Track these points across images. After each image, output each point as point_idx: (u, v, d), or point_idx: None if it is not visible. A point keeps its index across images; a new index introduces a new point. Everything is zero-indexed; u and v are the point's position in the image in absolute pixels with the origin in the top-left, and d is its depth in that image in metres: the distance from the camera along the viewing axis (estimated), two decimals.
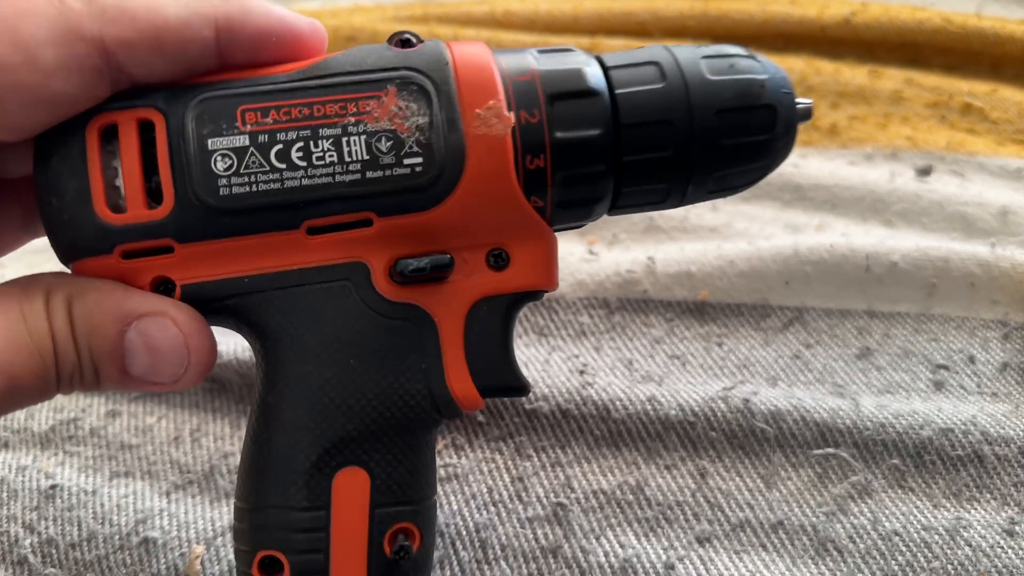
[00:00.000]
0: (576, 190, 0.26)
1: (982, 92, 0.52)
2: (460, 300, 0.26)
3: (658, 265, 0.42)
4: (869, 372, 0.38)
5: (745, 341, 0.39)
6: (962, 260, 0.40)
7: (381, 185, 0.24)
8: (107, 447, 0.38)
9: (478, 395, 0.26)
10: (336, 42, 0.61)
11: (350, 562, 0.25)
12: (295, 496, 0.25)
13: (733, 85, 0.26)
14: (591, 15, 0.60)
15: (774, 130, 0.26)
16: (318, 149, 0.24)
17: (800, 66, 0.54)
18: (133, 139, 0.24)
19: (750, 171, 0.27)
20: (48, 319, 0.24)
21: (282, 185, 0.24)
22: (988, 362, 0.38)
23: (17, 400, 0.24)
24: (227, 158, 0.24)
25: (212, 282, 0.25)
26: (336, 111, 0.24)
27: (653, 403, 0.36)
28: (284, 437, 0.25)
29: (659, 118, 0.25)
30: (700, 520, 0.33)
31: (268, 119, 0.24)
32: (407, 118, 0.24)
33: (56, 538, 0.35)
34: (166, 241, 0.24)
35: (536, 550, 0.33)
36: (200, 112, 0.24)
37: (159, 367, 0.25)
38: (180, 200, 0.24)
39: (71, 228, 0.24)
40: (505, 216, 0.25)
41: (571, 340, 0.40)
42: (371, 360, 0.25)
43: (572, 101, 0.25)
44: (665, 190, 0.27)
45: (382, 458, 0.25)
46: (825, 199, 0.46)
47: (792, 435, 0.35)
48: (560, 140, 0.25)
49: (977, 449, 0.34)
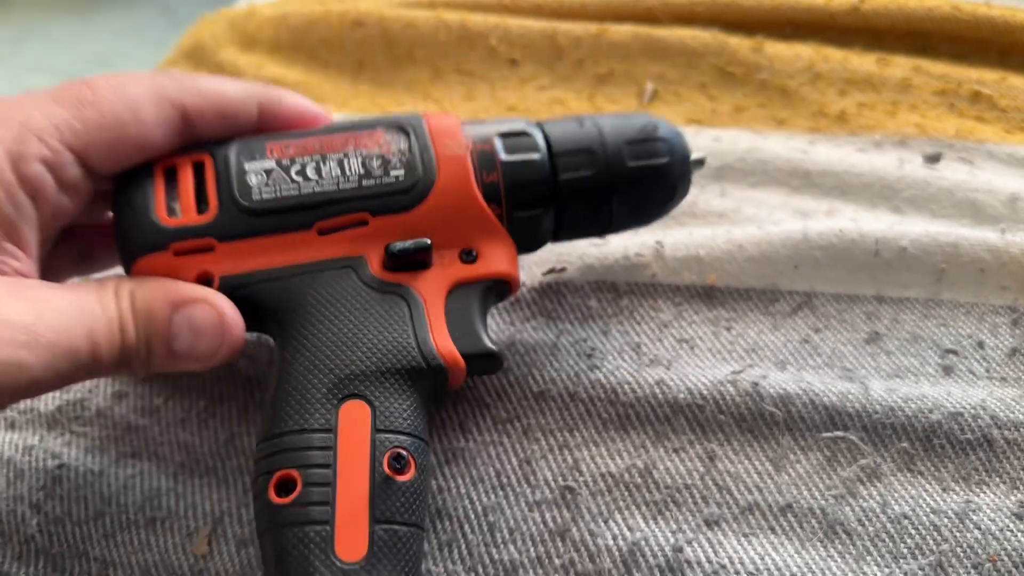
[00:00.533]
0: (524, 199, 0.35)
1: (991, 80, 0.52)
2: (440, 283, 0.33)
3: (667, 249, 0.42)
4: (878, 356, 0.37)
5: (754, 325, 0.39)
6: (971, 246, 0.40)
7: (373, 191, 0.33)
8: (114, 428, 0.38)
9: (458, 354, 0.32)
10: (343, 27, 0.61)
11: (354, 474, 0.29)
12: (308, 420, 0.30)
13: (636, 123, 0.37)
14: (599, 1, 0.60)
15: (671, 156, 0.36)
16: (326, 167, 0.33)
17: (809, 53, 0.54)
18: (189, 173, 0.33)
19: (657, 192, 0.37)
20: (117, 304, 0.30)
21: (299, 192, 0.33)
22: (997, 347, 0.37)
23: (95, 369, 0.29)
24: (259, 175, 0.33)
25: (244, 274, 0.32)
26: (339, 144, 0.34)
27: (661, 386, 0.36)
28: (299, 377, 0.31)
29: (583, 147, 0.35)
30: (709, 503, 0.33)
31: (289, 150, 0.33)
32: (392, 144, 0.34)
33: (63, 517, 0.35)
34: (209, 241, 0.32)
35: (544, 533, 0.33)
36: (239, 148, 0.33)
37: (199, 345, 0.31)
38: (222, 206, 0.32)
39: (137, 231, 0.32)
40: (471, 218, 0.34)
41: (579, 324, 0.40)
42: (369, 320, 0.32)
43: (516, 137, 0.35)
44: (595, 207, 0.36)
45: (381, 395, 0.31)
46: (834, 185, 0.46)
47: (801, 418, 0.35)
48: (508, 160, 0.34)
49: (987, 433, 0.34)
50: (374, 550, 0.28)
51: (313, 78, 0.60)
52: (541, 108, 0.54)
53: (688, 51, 0.55)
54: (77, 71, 1.82)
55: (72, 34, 1.99)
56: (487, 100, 0.56)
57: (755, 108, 0.52)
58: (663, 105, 0.53)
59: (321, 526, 0.28)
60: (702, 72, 0.55)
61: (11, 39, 1.98)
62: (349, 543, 0.28)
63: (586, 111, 0.54)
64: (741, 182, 0.47)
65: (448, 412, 0.37)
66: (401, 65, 0.59)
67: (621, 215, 0.37)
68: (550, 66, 0.57)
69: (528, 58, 0.57)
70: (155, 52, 1.83)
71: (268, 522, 0.29)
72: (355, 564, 0.28)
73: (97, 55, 1.89)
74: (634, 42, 0.56)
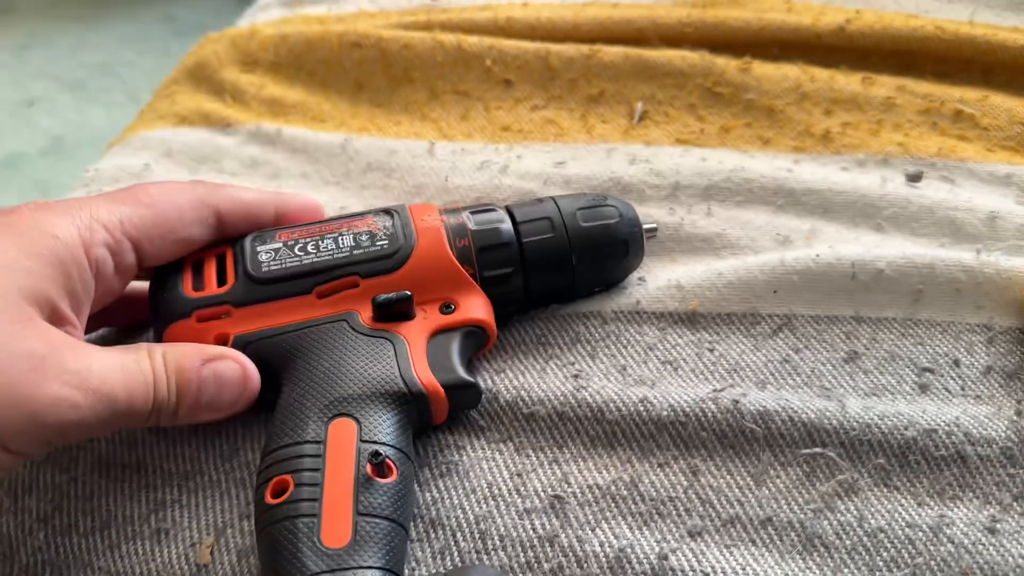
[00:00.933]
0: (492, 260, 0.40)
1: (973, 99, 0.53)
2: (422, 330, 0.38)
3: (648, 281, 0.44)
4: (856, 375, 0.39)
5: (736, 347, 0.40)
6: (947, 267, 0.41)
7: (362, 257, 0.39)
8: (120, 443, 0.39)
9: (437, 383, 0.36)
10: (342, 48, 0.62)
11: (340, 475, 0.32)
12: (301, 435, 0.34)
13: (588, 195, 0.43)
14: (591, 22, 0.61)
15: (620, 217, 0.42)
16: (323, 243, 0.39)
17: (795, 73, 0.55)
18: (213, 264, 0.40)
19: (611, 248, 0.42)
20: (151, 363, 0.34)
21: (300, 263, 0.39)
22: (972, 365, 0.39)
23: (131, 418, 0.33)
24: (268, 253, 0.39)
25: (253, 332, 0.38)
26: (335, 227, 0.40)
27: (645, 404, 0.38)
28: (295, 401, 0.35)
29: (542, 216, 0.41)
30: (692, 515, 0.34)
31: (294, 235, 0.40)
32: (378, 223, 0.40)
33: (69, 529, 0.36)
34: (226, 308, 0.38)
35: (534, 539, 0.34)
36: (254, 237, 0.40)
37: (223, 395, 0.36)
38: (237, 279, 0.39)
39: (168, 303, 0.38)
40: (447, 277, 0.39)
41: (567, 348, 0.41)
42: (358, 356, 0.37)
43: (483, 213, 0.41)
44: (558, 267, 0.41)
45: (367, 414, 0.35)
46: (817, 203, 0.47)
47: (780, 435, 0.36)
48: (476, 228, 0.40)
49: (960, 449, 0.35)
50: (357, 539, 0.31)
51: (313, 98, 0.61)
52: (534, 128, 0.56)
53: (677, 72, 0.56)
54: (81, 78, 1.83)
55: (76, 41, 2.00)
56: (482, 120, 0.57)
57: (742, 128, 0.53)
58: (652, 125, 0.55)
59: (309, 518, 0.31)
60: (690, 92, 0.56)
61: (16, 46, 1.99)
62: (334, 532, 0.31)
63: (578, 130, 0.55)
64: (727, 201, 0.48)
65: (443, 433, 0.38)
66: (399, 86, 0.60)
67: (583, 272, 0.41)
68: (543, 86, 0.58)
69: (522, 79, 0.59)
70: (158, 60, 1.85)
71: (264, 522, 0.32)
72: (339, 549, 0.31)
73: (101, 63, 1.91)
74: (625, 63, 0.57)
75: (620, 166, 0.50)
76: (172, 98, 0.64)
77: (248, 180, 0.55)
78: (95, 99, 1.78)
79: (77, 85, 1.83)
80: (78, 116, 1.73)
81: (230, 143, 0.58)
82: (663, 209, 0.48)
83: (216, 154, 0.58)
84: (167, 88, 0.66)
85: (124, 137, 0.62)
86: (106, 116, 1.71)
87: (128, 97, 1.76)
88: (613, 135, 0.54)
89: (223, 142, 0.59)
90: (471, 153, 0.54)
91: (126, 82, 1.83)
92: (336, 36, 0.63)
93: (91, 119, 1.72)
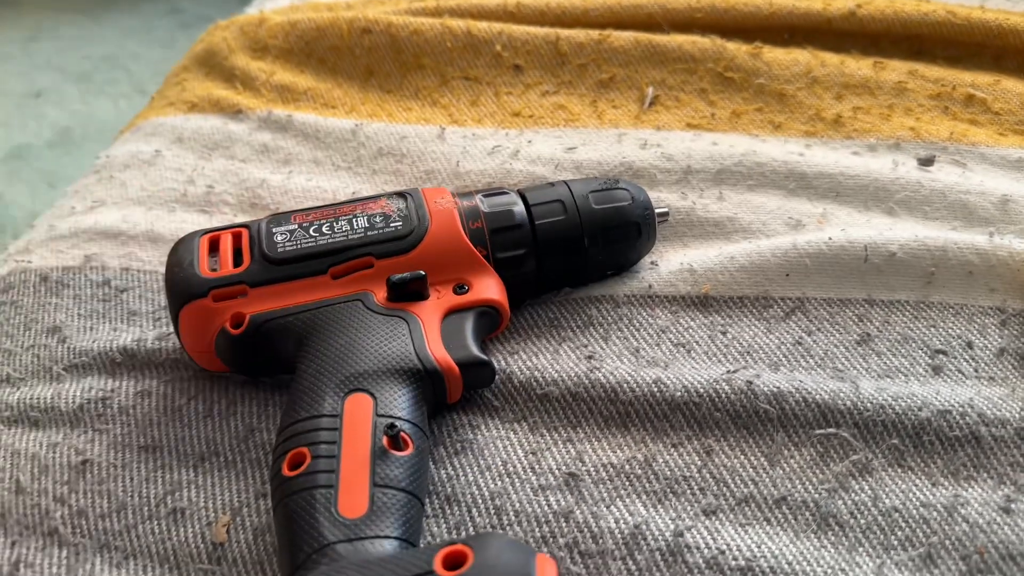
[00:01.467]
0: (505, 241, 0.41)
1: (985, 83, 0.53)
2: (436, 310, 0.38)
3: (661, 265, 0.44)
4: (869, 357, 0.39)
5: (748, 329, 0.40)
6: (960, 249, 0.41)
7: (376, 238, 0.40)
8: (136, 424, 0.40)
9: (451, 360, 0.37)
10: (352, 34, 0.62)
11: (356, 448, 0.33)
12: (318, 409, 0.34)
13: (599, 179, 0.43)
14: (601, 7, 0.61)
15: (632, 200, 0.42)
16: (338, 225, 0.40)
17: (806, 58, 0.55)
18: (229, 241, 0.40)
19: (624, 231, 0.42)
20: None
21: (315, 244, 0.40)
22: (985, 347, 0.39)
23: None
24: (284, 234, 0.40)
25: (269, 311, 0.38)
26: (349, 209, 0.41)
27: (659, 385, 0.38)
28: (312, 377, 0.36)
29: (554, 199, 0.42)
30: (706, 494, 0.35)
31: (309, 218, 0.41)
32: (392, 205, 0.41)
33: (86, 509, 0.37)
34: (242, 287, 0.39)
35: (549, 514, 0.34)
36: (269, 219, 0.41)
37: None
38: (253, 260, 0.39)
39: (184, 282, 0.39)
40: (461, 258, 0.40)
41: (579, 331, 0.41)
42: (374, 334, 0.37)
43: (496, 195, 0.42)
44: (571, 249, 0.41)
45: (383, 390, 0.35)
46: (829, 187, 0.47)
47: (794, 415, 0.36)
48: (489, 211, 0.41)
49: (974, 430, 0.35)
50: (373, 508, 0.31)
51: (323, 85, 0.61)
52: (545, 113, 0.56)
53: (688, 57, 0.56)
54: (87, 70, 1.83)
55: (82, 33, 2.00)
56: (492, 105, 0.57)
57: (753, 112, 0.53)
58: (663, 110, 0.55)
59: (326, 489, 0.31)
60: (701, 77, 0.56)
61: (22, 39, 1.99)
62: (351, 502, 0.31)
63: (589, 116, 0.55)
64: (739, 185, 0.48)
65: (457, 413, 0.38)
66: (409, 72, 0.60)
67: (595, 255, 0.42)
68: (553, 72, 0.58)
69: (532, 64, 0.59)
70: (163, 51, 1.85)
71: (281, 493, 0.32)
72: (356, 519, 0.31)
73: (107, 55, 1.91)
74: (635, 48, 0.57)
75: (631, 151, 0.50)
76: (182, 85, 0.64)
77: (260, 166, 0.55)
78: (101, 91, 1.78)
79: (84, 77, 1.83)
80: (85, 108, 1.73)
81: (241, 129, 0.58)
82: (675, 194, 0.48)
83: (227, 141, 0.58)
84: (177, 75, 0.67)
85: (135, 123, 0.62)
86: (113, 108, 1.71)
87: (134, 89, 1.76)
88: (624, 120, 0.54)
89: (234, 129, 0.59)
90: (482, 138, 0.54)
91: (132, 74, 1.83)
92: (346, 22, 0.63)
93: (98, 111, 1.72)
